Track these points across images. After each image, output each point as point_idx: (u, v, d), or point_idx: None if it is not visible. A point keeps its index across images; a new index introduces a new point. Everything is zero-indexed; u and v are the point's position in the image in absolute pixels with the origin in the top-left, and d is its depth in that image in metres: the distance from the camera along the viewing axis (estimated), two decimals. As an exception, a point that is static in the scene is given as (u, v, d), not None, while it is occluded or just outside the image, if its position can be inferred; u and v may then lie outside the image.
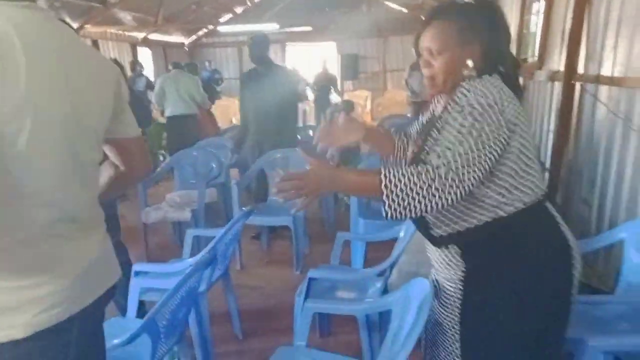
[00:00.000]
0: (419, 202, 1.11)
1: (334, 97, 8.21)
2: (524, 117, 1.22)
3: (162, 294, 1.88)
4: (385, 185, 1.12)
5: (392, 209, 1.13)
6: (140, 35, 10.48)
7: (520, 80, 1.42)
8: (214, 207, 4.12)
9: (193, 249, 2.89)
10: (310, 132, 5.40)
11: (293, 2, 11.71)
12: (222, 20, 12.10)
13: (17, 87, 0.88)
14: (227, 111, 8.00)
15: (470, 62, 1.23)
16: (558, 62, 3.71)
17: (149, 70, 11.08)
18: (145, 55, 11.09)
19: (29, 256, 0.96)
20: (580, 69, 3.26)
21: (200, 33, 12.61)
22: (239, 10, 12.09)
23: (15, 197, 0.93)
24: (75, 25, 8.28)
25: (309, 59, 8.74)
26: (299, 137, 4.56)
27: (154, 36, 10.82)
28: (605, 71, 2.86)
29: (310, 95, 7.79)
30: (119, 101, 1.15)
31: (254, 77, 3.84)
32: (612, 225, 2.64)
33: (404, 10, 10.29)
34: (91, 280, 1.07)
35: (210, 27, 12.07)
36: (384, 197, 1.12)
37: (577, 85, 3.31)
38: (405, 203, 1.12)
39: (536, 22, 4.63)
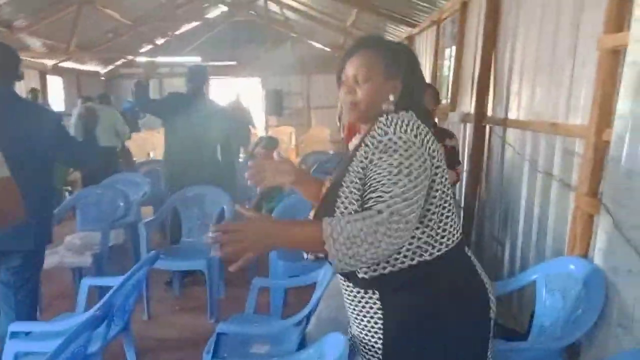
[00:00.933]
0: (367, 249, 1.05)
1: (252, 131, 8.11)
2: (441, 155, 1.22)
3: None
4: (331, 235, 1.05)
5: (340, 260, 1.06)
6: (50, 62, 9.82)
7: (435, 120, 1.45)
8: (121, 250, 3.78)
9: (92, 299, 2.58)
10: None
11: (217, 36, 11.63)
12: (142, 50, 11.71)
13: None
14: (145, 144, 7.61)
15: (392, 97, 1.24)
16: (469, 104, 3.89)
17: (59, 100, 10.38)
18: (56, 84, 10.39)
19: None
20: (489, 112, 3.42)
21: (118, 63, 12.09)
22: (160, 41, 11.79)
23: None
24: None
25: (232, 93, 8.66)
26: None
27: (67, 64, 10.20)
28: (512, 114, 3.01)
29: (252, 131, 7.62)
30: None
31: (184, 104, 3.60)
32: (524, 264, 2.71)
33: (327, 49, 10.57)
34: None
35: (130, 57, 11.62)
36: (331, 248, 1.05)
37: (487, 128, 3.47)
38: (353, 252, 1.05)
39: (449, 67, 4.88)
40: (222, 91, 10.69)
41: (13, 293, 2.18)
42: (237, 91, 7.94)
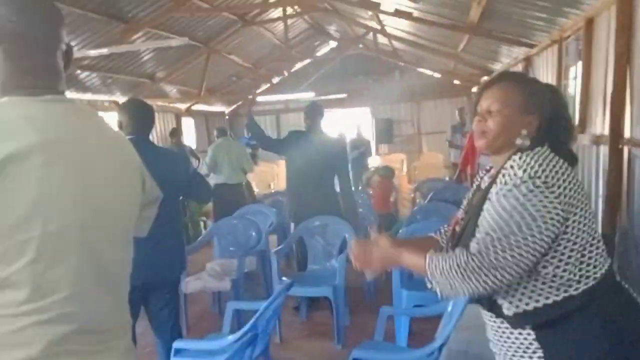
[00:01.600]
0: (460, 284, 1.18)
1: (370, 161, 8.30)
2: (581, 189, 1.21)
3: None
4: (429, 266, 1.23)
5: (440, 289, 1.24)
6: (184, 106, 11.05)
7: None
8: (253, 276, 4.09)
9: (233, 320, 2.85)
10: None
11: (327, 71, 12.18)
12: (260, 90, 12.67)
13: (28, 194, 0.81)
14: (266, 177, 8.16)
15: (524, 131, 1.25)
16: (601, 125, 3.63)
17: (191, 139, 11.54)
18: (188, 125, 11.61)
19: None
20: (627, 133, 3.17)
21: (240, 102, 13.20)
22: (275, 80, 12.66)
23: (17, 315, 0.82)
24: (124, 98, 8.84)
25: (344, 124, 8.96)
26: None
27: (197, 107, 11.37)
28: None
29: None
30: (146, 195, 1.08)
31: (303, 140, 3.87)
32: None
33: (436, 75, 10.52)
34: None
35: (249, 96, 12.64)
36: (429, 277, 1.24)
37: (625, 149, 3.22)
38: (449, 284, 1.20)
39: (574, 86, 4.61)
40: (334, 123, 11.11)
41: (167, 319, 2.42)
42: (358, 124, 8.21)
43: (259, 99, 11.38)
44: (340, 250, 3.61)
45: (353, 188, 4.50)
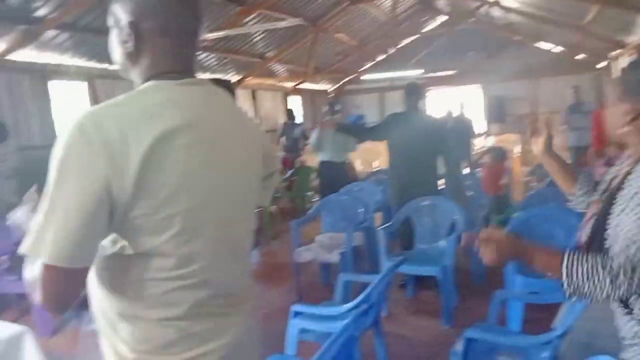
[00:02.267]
0: (595, 289, 1.16)
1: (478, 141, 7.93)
2: None
3: (317, 336, 1.97)
4: (567, 267, 1.18)
5: (570, 289, 1.19)
6: (291, 84, 11.42)
7: None
8: (358, 250, 4.20)
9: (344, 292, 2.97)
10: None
11: (436, 48, 11.77)
12: (364, 68, 12.63)
13: (174, 173, 0.87)
14: (370, 155, 8.18)
15: None
16: None
17: (299, 115, 11.93)
18: (295, 103, 11.99)
19: (175, 333, 0.93)
20: None
21: (344, 81, 13.31)
22: (380, 57, 12.52)
23: (165, 279, 0.91)
24: (238, 77, 9.36)
25: (450, 102, 8.63)
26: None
27: (303, 85, 11.68)
28: None
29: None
30: (267, 168, 1.13)
31: (402, 122, 3.89)
32: None
33: (555, 50, 9.69)
34: (239, 356, 1.02)
35: (353, 75, 12.67)
36: (564, 278, 1.19)
37: None
38: (581, 288, 1.17)
39: None
40: (442, 101, 10.78)
41: None
42: (461, 102, 7.88)
43: (364, 77, 11.32)
44: (450, 232, 3.57)
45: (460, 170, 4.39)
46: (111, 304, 0.95)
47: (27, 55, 5.80)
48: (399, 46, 12.23)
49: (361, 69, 12.56)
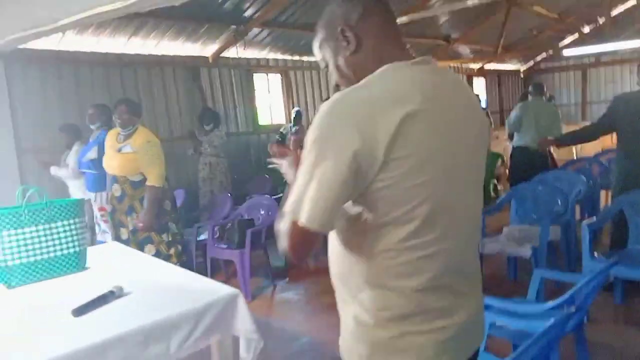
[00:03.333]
0: None
1: None
2: None
3: (507, 332, 1.83)
4: None
5: None
6: (476, 66, 10.79)
7: None
8: (553, 246, 3.78)
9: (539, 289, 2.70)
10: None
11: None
12: (564, 42, 11.21)
13: (418, 147, 0.92)
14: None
15: None
16: None
17: (482, 99, 11.26)
18: (479, 85, 11.33)
19: (414, 305, 0.98)
20: None
21: (538, 58, 12.04)
22: (586, 29, 10.94)
23: (407, 248, 0.96)
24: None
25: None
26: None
27: (489, 65, 10.94)
28: None
29: None
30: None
31: (632, 103, 3.34)
32: None
33: None
34: (467, 337, 1.05)
35: (550, 51, 11.35)
36: None
37: None
38: None
39: None
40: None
41: None
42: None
43: (566, 52, 9.94)
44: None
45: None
46: (357, 271, 1.01)
47: (235, 52, 6.62)
48: (613, 15, 10.49)
49: (561, 44, 11.18)
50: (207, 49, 6.40)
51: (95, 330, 1.46)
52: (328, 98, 1.08)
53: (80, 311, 1.61)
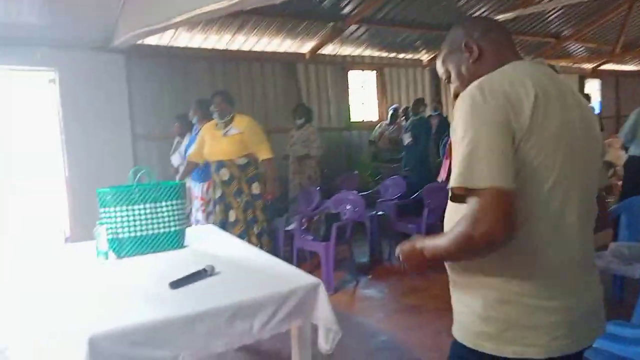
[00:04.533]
0: None
1: None
2: None
3: (607, 357, 1.67)
4: None
5: None
6: (590, 66, 9.92)
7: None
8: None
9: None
10: None
11: None
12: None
13: (553, 120, 1.02)
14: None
15: None
16: None
17: (595, 103, 10.36)
18: (592, 87, 10.42)
19: (551, 280, 1.02)
20: None
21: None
22: None
23: (531, 221, 1.01)
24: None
25: None
26: None
27: (606, 66, 10.01)
28: None
29: None
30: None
31: None
32: None
33: None
34: (590, 324, 1.07)
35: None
36: None
37: None
38: None
39: None
40: None
41: None
42: None
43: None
44: None
45: None
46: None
47: (331, 49, 6.71)
48: None
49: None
50: (304, 46, 6.57)
51: (187, 303, 1.59)
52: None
53: (176, 284, 1.75)
